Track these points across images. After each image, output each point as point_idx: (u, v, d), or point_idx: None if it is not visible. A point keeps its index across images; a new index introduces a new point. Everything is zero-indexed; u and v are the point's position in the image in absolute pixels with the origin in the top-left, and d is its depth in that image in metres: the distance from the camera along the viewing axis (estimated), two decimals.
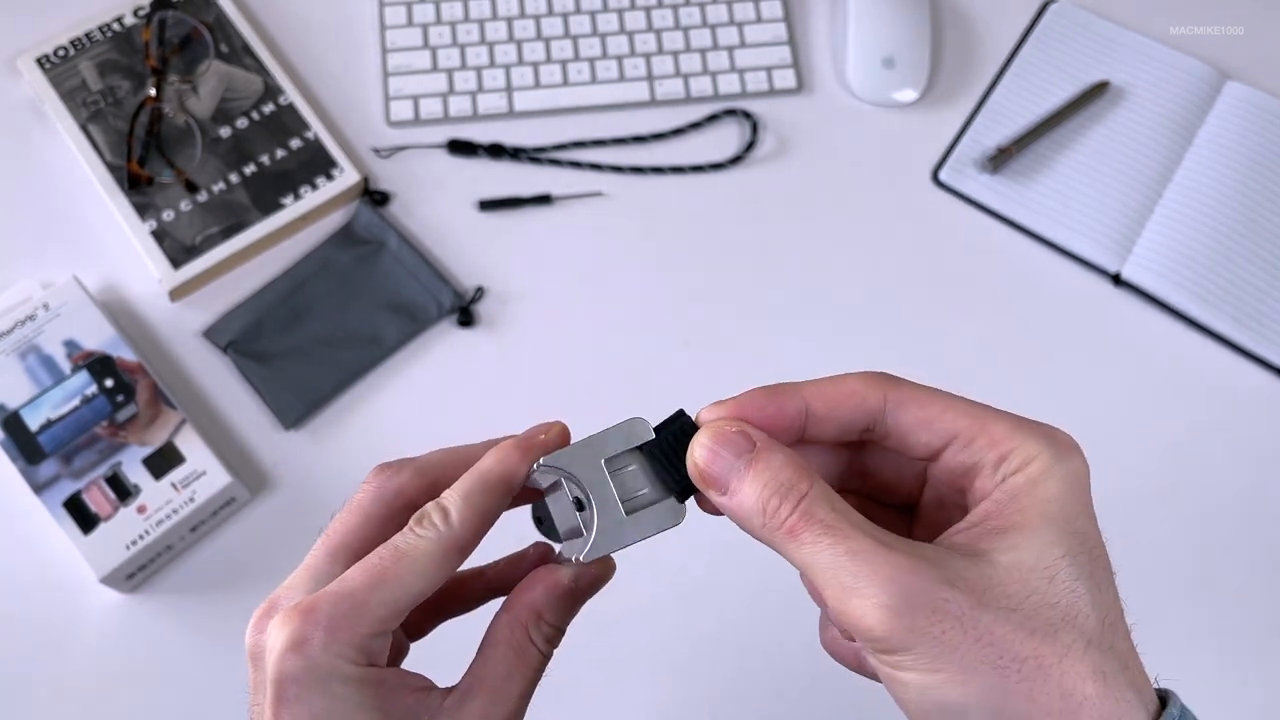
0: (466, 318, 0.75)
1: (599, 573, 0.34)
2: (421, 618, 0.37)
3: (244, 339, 0.74)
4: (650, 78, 0.84)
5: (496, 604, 0.35)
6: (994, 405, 0.32)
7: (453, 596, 0.38)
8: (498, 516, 0.34)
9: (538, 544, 0.38)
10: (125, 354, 0.69)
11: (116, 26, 0.80)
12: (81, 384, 0.68)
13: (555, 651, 0.34)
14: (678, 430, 0.33)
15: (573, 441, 0.34)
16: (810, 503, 0.29)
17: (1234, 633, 0.70)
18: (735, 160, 0.82)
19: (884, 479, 0.35)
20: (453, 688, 0.33)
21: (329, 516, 0.36)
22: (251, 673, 0.32)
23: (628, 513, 0.33)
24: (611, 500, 0.33)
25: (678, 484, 0.33)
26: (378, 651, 0.31)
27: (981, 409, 0.31)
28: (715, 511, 0.32)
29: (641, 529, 0.33)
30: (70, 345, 0.69)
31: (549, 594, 0.33)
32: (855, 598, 0.28)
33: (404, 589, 0.31)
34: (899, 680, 0.28)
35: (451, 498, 0.33)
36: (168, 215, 0.76)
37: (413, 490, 0.35)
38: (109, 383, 0.68)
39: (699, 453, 0.31)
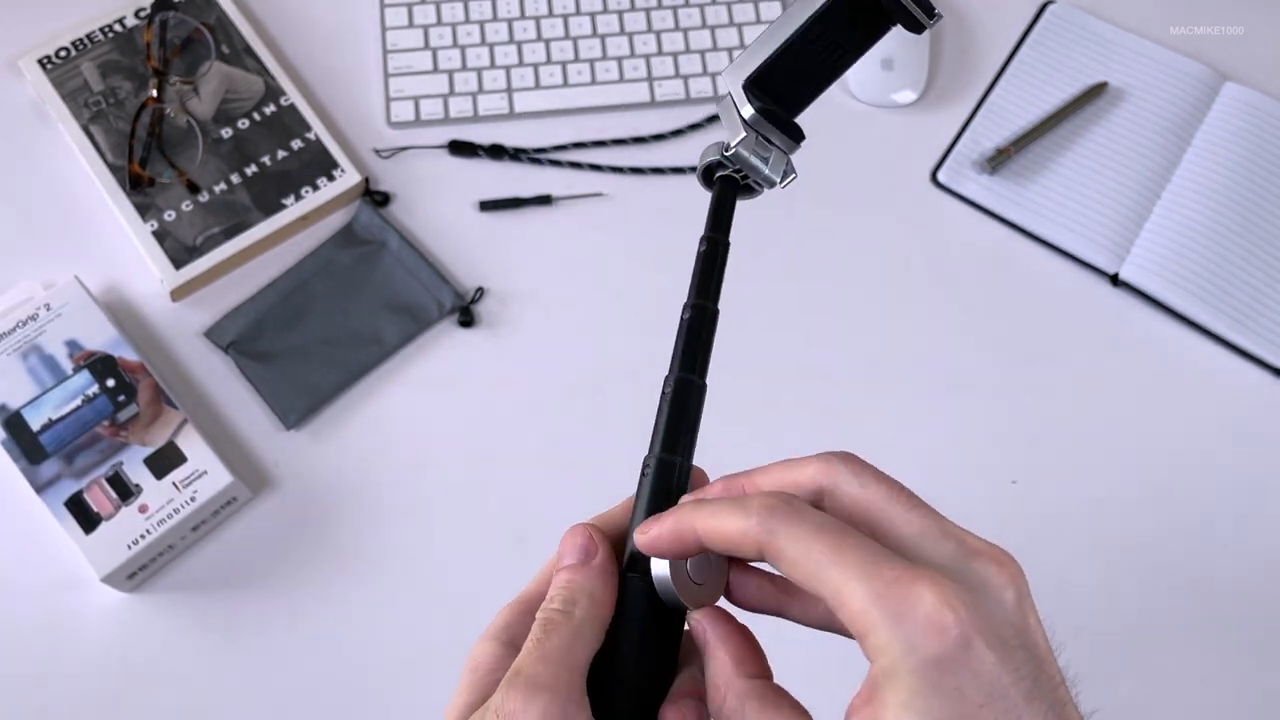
0: (467, 318, 0.76)
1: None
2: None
3: (245, 339, 0.74)
4: (650, 79, 0.84)
5: None
6: (862, 556, 0.29)
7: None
8: None
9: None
10: (127, 354, 0.69)
11: (118, 28, 0.81)
12: (83, 384, 0.68)
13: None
14: None
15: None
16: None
17: (1232, 632, 0.70)
18: None
19: None
20: None
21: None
22: None
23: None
24: None
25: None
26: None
27: (841, 574, 0.29)
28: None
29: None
30: (72, 345, 0.69)
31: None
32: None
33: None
34: None
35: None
36: (169, 216, 0.76)
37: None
38: (110, 382, 0.68)
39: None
